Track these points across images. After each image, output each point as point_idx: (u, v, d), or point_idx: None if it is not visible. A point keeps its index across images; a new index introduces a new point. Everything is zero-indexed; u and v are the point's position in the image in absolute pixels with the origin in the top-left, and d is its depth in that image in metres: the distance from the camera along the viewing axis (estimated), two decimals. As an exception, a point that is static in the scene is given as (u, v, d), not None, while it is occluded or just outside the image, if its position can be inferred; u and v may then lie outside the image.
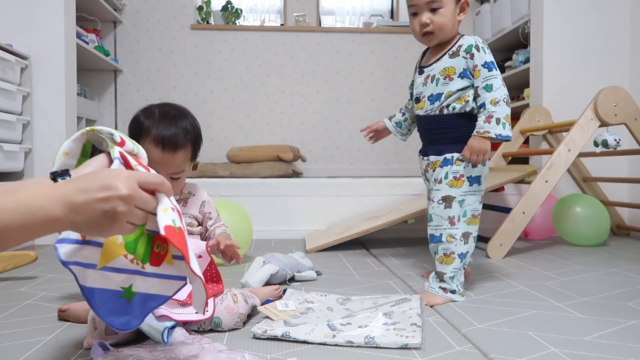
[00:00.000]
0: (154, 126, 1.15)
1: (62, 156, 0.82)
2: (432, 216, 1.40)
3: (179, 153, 1.16)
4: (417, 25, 1.40)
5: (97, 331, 0.99)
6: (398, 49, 3.94)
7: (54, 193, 0.64)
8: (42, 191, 0.64)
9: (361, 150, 3.93)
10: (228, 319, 1.10)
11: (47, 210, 0.62)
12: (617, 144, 2.09)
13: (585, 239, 2.24)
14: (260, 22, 4.06)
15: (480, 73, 1.34)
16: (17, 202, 0.61)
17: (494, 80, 1.33)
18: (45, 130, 2.42)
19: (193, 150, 1.21)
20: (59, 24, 2.45)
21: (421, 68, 1.47)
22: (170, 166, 1.16)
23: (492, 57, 1.37)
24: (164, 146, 1.14)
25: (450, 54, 1.39)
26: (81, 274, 0.74)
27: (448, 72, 1.38)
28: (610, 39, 2.81)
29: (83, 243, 0.73)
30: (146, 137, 1.15)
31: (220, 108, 3.85)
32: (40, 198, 0.63)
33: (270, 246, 2.29)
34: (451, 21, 1.38)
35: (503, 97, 1.33)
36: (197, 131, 1.22)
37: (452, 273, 1.36)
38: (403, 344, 0.99)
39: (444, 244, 1.37)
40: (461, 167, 1.37)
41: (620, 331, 1.09)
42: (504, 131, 1.31)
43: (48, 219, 0.62)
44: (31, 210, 0.61)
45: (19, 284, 1.56)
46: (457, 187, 1.37)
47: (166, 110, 1.19)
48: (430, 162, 1.45)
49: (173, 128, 1.15)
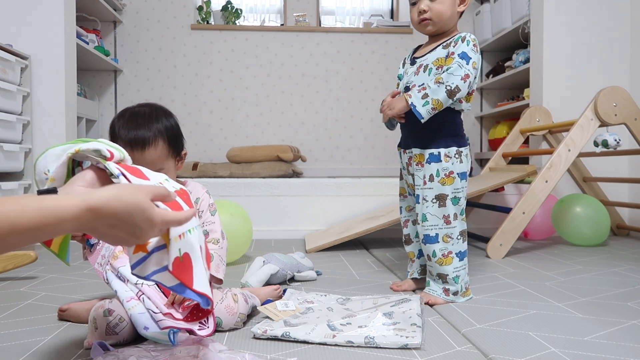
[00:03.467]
0: (123, 127, 1.15)
1: (49, 182, 0.82)
2: (426, 216, 1.36)
3: (148, 151, 1.13)
4: (415, 13, 1.39)
5: (97, 331, 0.99)
6: (398, 49, 3.94)
7: (82, 203, 0.64)
8: (68, 196, 0.65)
9: (361, 150, 3.92)
10: (228, 319, 1.10)
11: (72, 211, 0.62)
12: (617, 144, 2.09)
13: (585, 239, 2.24)
14: (260, 22, 4.06)
15: (453, 60, 1.31)
16: (42, 202, 0.61)
17: (457, 67, 1.29)
18: (45, 130, 2.42)
19: (170, 146, 1.17)
20: (59, 24, 2.45)
21: (414, 59, 1.45)
22: (145, 165, 1.14)
23: (474, 54, 1.32)
24: (132, 146, 1.13)
25: (444, 45, 1.37)
26: (164, 278, 0.77)
27: (440, 63, 1.36)
28: (610, 39, 2.81)
29: (147, 256, 0.77)
30: (117, 139, 1.14)
31: (220, 108, 3.85)
32: (66, 202, 0.63)
33: (270, 246, 2.29)
34: (450, 10, 1.36)
35: (450, 84, 1.28)
36: (171, 128, 1.18)
37: (454, 273, 1.34)
38: (403, 344, 0.99)
39: (440, 244, 1.35)
40: (449, 163, 1.35)
41: (620, 331, 1.09)
42: (421, 107, 1.29)
43: (74, 217, 0.62)
44: (59, 209, 0.61)
45: (19, 284, 1.56)
46: (448, 184, 1.35)
47: (137, 111, 1.18)
48: (413, 155, 1.40)
49: (140, 128, 1.14)
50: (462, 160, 1.37)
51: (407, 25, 3.96)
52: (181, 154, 1.23)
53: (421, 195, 1.38)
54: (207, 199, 1.26)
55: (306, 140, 3.89)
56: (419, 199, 1.38)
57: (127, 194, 0.68)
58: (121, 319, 1.00)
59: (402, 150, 1.47)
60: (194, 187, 1.26)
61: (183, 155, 1.24)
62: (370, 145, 3.91)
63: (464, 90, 1.30)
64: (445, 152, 1.35)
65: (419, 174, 1.38)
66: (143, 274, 0.77)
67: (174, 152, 1.20)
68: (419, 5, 1.37)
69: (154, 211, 0.70)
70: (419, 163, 1.39)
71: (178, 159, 1.22)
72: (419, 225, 1.39)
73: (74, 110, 2.62)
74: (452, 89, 1.28)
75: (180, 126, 1.23)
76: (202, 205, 1.25)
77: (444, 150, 1.35)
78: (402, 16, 4.13)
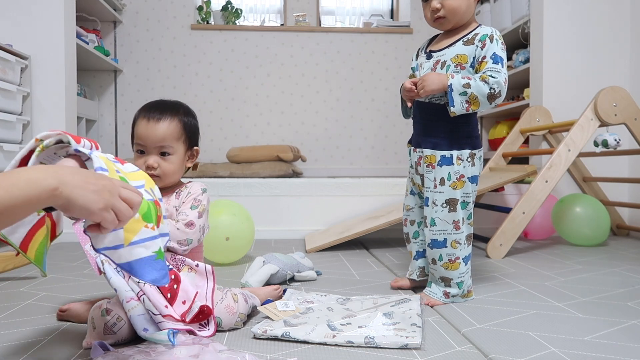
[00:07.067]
0: (146, 105, 1.21)
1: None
2: (435, 220, 1.32)
3: (163, 122, 1.16)
4: (428, 11, 1.33)
5: (95, 331, 0.99)
6: (398, 49, 3.95)
7: (49, 168, 0.69)
8: (39, 167, 0.70)
9: (361, 150, 3.93)
10: (228, 318, 1.10)
11: (42, 179, 0.66)
12: (617, 144, 2.09)
13: (585, 239, 2.24)
14: (260, 22, 4.06)
15: (487, 64, 1.25)
16: (17, 177, 0.65)
17: (496, 73, 1.24)
18: (45, 130, 2.41)
19: (184, 131, 1.18)
20: (59, 24, 2.45)
21: (430, 52, 1.37)
22: (155, 135, 1.14)
23: (505, 54, 1.28)
24: (149, 115, 1.16)
25: (465, 41, 1.30)
26: (115, 255, 0.83)
27: (460, 60, 1.29)
28: (610, 39, 2.81)
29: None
30: (137, 117, 1.19)
31: (220, 108, 3.85)
32: (36, 171, 0.67)
33: (270, 246, 2.29)
34: (465, 3, 1.28)
35: (495, 87, 1.23)
36: (190, 119, 1.21)
37: (459, 279, 1.32)
38: (403, 344, 0.99)
39: (448, 249, 1.32)
40: (461, 166, 1.30)
41: (620, 331, 1.09)
42: (457, 96, 1.22)
43: (48, 189, 0.66)
44: (31, 182, 0.65)
45: (19, 284, 1.56)
46: (459, 188, 1.31)
47: (161, 99, 1.24)
48: (424, 156, 1.35)
49: (162, 104, 1.20)
50: (475, 164, 1.32)
51: (407, 25, 3.96)
52: (193, 149, 1.23)
53: (431, 199, 1.33)
54: (197, 194, 1.20)
55: (306, 140, 3.89)
56: (428, 202, 1.34)
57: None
58: (119, 318, 1.00)
59: (412, 148, 1.42)
60: (192, 186, 1.23)
61: (195, 152, 1.24)
62: (370, 145, 3.91)
63: (504, 96, 1.26)
64: (457, 155, 1.30)
65: (429, 176, 1.33)
66: (96, 245, 0.82)
67: (187, 140, 1.20)
68: (432, 3, 1.30)
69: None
70: (429, 164, 1.33)
71: (189, 153, 1.22)
72: (427, 229, 1.35)
73: (74, 110, 2.62)
74: (494, 93, 1.23)
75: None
76: (188, 198, 1.19)
77: (457, 152, 1.30)
78: (402, 16, 4.13)
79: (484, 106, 1.25)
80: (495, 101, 1.25)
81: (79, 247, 2.00)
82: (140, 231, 0.84)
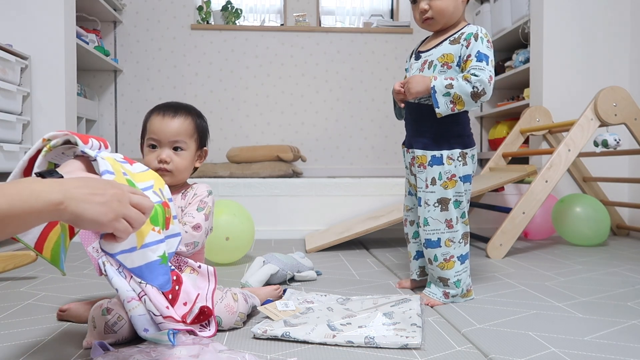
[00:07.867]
0: (159, 106, 1.24)
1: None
2: (427, 220, 1.33)
3: (178, 118, 1.20)
4: (417, 12, 1.35)
5: (96, 330, 0.99)
6: (398, 49, 3.94)
7: (55, 182, 0.68)
8: (44, 181, 0.68)
9: (361, 150, 3.92)
10: (228, 318, 1.10)
11: (47, 192, 0.65)
12: (617, 144, 2.09)
13: (585, 239, 2.24)
14: (260, 22, 4.06)
15: (471, 63, 1.25)
16: (22, 187, 0.64)
17: (480, 71, 1.23)
18: (45, 130, 2.41)
19: (196, 130, 1.23)
20: (59, 24, 2.45)
21: (418, 53, 1.39)
22: (170, 130, 1.18)
23: (490, 52, 1.28)
24: (165, 112, 1.20)
25: (452, 40, 1.31)
26: (128, 259, 0.84)
27: (447, 60, 1.30)
28: (610, 39, 2.81)
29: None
30: (150, 114, 1.22)
31: (220, 108, 3.85)
32: (42, 184, 0.66)
33: (270, 246, 2.29)
34: (452, 4, 1.30)
35: (477, 84, 1.22)
36: (202, 119, 1.26)
37: (455, 277, 1.32)
38: (403, 344, 0.99)
39: (442, 248, 1.33)
40: (452, 166, 1.31)
41: (620, 331, 1.09)
42: (441, 97, 1.23)
43: (51, 203, 0.65)
44: (35, 193, 0.63)
45: (19, 284, 1.56)
46: (450, 187, 1.32)
47: (173, 101, 1.28)
48: (415, 157, 1.36)
49: (174, 104, 1.24)
50: (467, 163, 1.33)
51: (407, 25, 3.96)
52: (202, 149, 1.27)
53: (423, 199, 1.34)
54: (203, 196, 1.22)
55: (306, 140, 3.89)
56: (421, 201, 1.35)
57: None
58: (120, 318, 1.00)
59: (405, 149, 1.44)
60: (198, 187, 1.26)
61: (204, 152, 1.28)
62: (370, 145, 3.91)
63: (489, 94, 1.25)
64: (448, 154, 1.31)
65: (421, 176, 1.35)
66: (111, 251, 0.82)
67: (198, 139, 1.24)
68: (420, 4, 1.33)
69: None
70: (421, 165, 1.35)
71: (198, 153, 1.26)
72: (420, 229, 1.36)
73: (74, 110, 2.62)
74: (478, 91, 1.23)
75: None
76: (194, 199, 1.22)
77: (447, 152, 1.31)
78: (402, 16, 4.13)
79: (469, 105, 1.25)
80: (480, 99, 1.24)
81: (79, 247, 2.00)
82: (148, 234, 0.84)
